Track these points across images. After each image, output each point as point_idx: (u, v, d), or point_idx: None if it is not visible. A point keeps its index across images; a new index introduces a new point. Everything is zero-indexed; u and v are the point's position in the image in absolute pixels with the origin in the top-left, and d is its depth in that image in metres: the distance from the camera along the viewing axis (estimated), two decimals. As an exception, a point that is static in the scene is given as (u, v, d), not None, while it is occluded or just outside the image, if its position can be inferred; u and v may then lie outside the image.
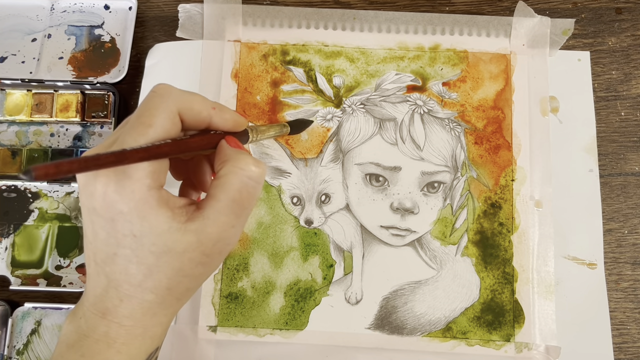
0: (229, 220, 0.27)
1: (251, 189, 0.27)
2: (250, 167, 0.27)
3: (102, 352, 0.27)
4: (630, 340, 0.42)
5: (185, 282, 0.27)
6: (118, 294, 0.27)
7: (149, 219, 0.25)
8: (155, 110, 0.27)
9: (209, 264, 0.28)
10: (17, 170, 0.45)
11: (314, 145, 0.45)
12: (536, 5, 0.48)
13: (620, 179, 0.45)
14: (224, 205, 0.27)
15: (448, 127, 0.45)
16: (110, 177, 0.25)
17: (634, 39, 0.48)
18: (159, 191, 0.26)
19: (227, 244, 0.28)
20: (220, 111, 0.29)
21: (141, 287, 0.27)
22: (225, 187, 0.27)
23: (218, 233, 0.27)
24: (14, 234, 0.45)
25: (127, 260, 0.26)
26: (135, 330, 0.27)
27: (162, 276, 0.26)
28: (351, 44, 0.47)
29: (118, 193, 0.25)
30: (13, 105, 0.47)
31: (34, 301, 0.43)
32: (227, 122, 0.29)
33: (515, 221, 0.43)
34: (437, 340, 0.41)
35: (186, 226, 0.26)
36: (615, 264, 0.44)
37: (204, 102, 0.29)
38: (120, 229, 0.26)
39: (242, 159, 0.28)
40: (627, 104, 0.47)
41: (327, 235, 0.43)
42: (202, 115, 0.28)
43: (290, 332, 0.42)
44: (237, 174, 0.27)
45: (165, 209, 0.26)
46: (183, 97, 0.28)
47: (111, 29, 0.48)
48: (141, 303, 0.27)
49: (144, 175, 0.25)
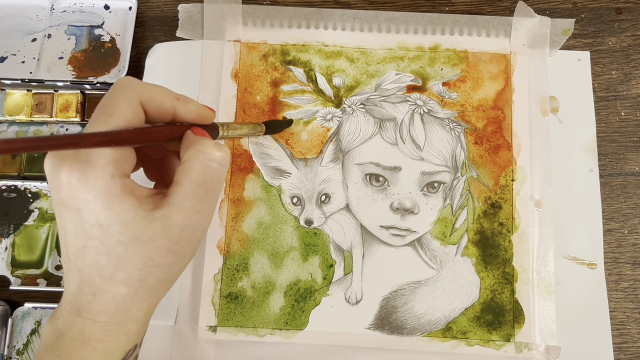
0: (193, 205, 0.27)
1: (214, 171, 0.27)
2: (212, 150, 0.27)
3: (77, 351, 0.27)
4: (630, 340, 0.42)
5: (156, 272, 0.27)
6: (91, 288, 0.27)
7: (114, 207, 0.25)
8: (116, 100, 0.27)
9: (178, 252, 0.27)
10: (17, 170, 0.45)
11: (314, 145, 0.45)
12: (536, 5, 0.48)
13: (620, 179, 0.45)
14: (188, 190, 0.27)
15: (448, 127, 0.45)
16: (73, 166, 0.25)
17: (634, 39, 0.48)
18: (123, 179, 0.26)
19: (195, 230, 0.28)
20: (184, 102, 0.29)
21: (112, 280, 0.26)
22: (188, 171, 0.27)
23: (184, 219, 0.27)
24: (14, 234, 0.45)
25: (96, 252, 0.26)
26: (109, 326, 0.27)
27: (131, 267, 0.26)
28: (351, 44, 0.47)
29: (81, 181, 0.25)
30: (13, 105, 0.47)
31: (34, 301, 0.43)
32: (191, 114, 0.29)
33: (515, 221, 0.43)
34: (437, 340, 0.41)
35: (152, 214, 0.26)
36: (615, 264, 0.44)
37: (167, 93, 0.29)
38: (87, 219, 0.26)
39: (203, 143, 0.28)
40: (627, 104, 0.47)
41: (327, 235, 0.43)
42: (166, 106, 0.28)
43: (290, 332, 0.42)
44: (198, 157, 0.27)
45: (130, 197, 0.26)
46: (145, 88, 0.28)
47: (111, 29, 0.48)
48: (114, 297, 0.27)
49: (106, 163, 0.25)
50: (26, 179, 0.46)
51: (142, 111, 0.28)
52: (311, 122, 0.45)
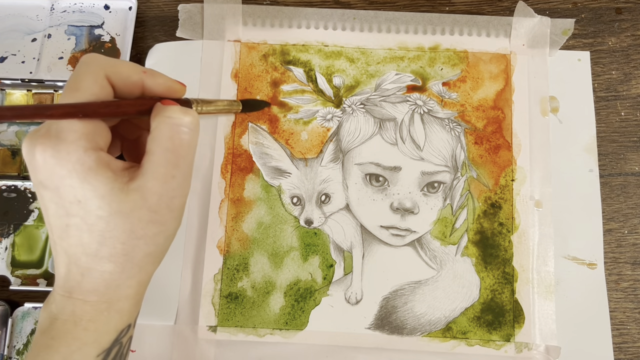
0: (167, 171, 0.27)
1: (184, 135, 0.27)
2: (179, 114, 0.28)
3: (69, 332, 0.27)
4: (630, 340, 0.42)
5: (141, 245, 0.27)
6: (78, 268, 0.27)
7: (90, 181, 0.26)
8: (82, 75, 0.27)
9: (160, 222, 0.27)
10: (17, 170, 0.45)
11: (314, 145, 0.45)
12: (536, 5, 0.48)
13: (620, 179, 0.45)
14: (159, 157, 0.27)
15: (448, 127, 0.45)
16: (46, 144, 0.25)
17: (634, 39, 0.48)
18: (96, 152, 0.26)
19: (173, 196, 0.28)
20: (152, 75, 0.29)
21: (97, 257, 0.27)
22: (157, 138, 0.27)
23: (159, 186, 0.27)
24: (14, 234, 0.45)
25: (78, 230, 0.26)
26: (100, 305, 0.27)
27: (115, 241, 0.26)
28: (351, 44, 0.47)
29: (54, 157, 0.25)
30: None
31: (34, 301, 0.43)
32: (160, 87, 0.29)
33: (515, 221, 0.43)
34: (437, 340, 0.41)
35: (128, 186, 0.26)
36: (615, 264, 0.44)
37: (134, 67, 0.29)
38: (66, 195, 0.26)
39: (169, 109, 0.28)
40: (627, 104, 0.47)
41: (327, 235, 0.43)
42: (133, 79, 0.28)
43: (290, 332, 0.42)
44: (166, 123, 0.27)
45: (105, 170, 0.26)
46: (110, 62, 0.28)
47: (111, 29, 0.48)
48: (102, 275, 0.27)
49: (77, 137, 0.26)
50: (26, 179, 0.46)
51: (108, 85, 0.28)
52: (311, 122, 0.45)
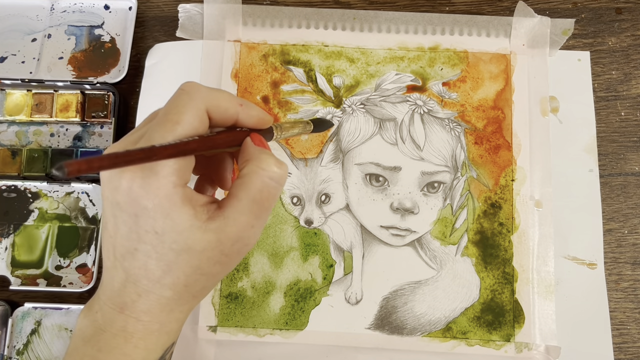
0: (248, 220, 0.27)
1: (272, 189, 0.28)
2: (273, 167, 0.27)
3: (119, 347, 0.27)
4: (630, 340, 0.42)
5: (202, 280, 0.28)
6: (136, 289, 0.27)
7: (172, 216, 0.26)
8: (183, 107, 0.27)
9: (226, 263, 0.28)
10: (17, 170, 0.45)
11: (314, 145, 0.45)
12: (536, 5, 0.48)
13: (620, 179, 0.45)
14: (245, 205, 0.27)
15: (448, 127, 0.45)
16: (136, 172, 0.25)
17: (634, 39, 0.48)
18: (183, 189, 0.26)
19: (246, 244, 0.28)
20: (247, 108, 0.29)
21: (159, 283, 0.27)
22: (247, 186, 0.27)
23: (237, 233, 0.27)
24: (14, 234, 0.45)
25: (147, 256, 0.26)
26: (152, 325, 0.27)
27: (180, 273, 0.27)
28: (351, 44, 0.47)
29: (143, 189, 0.25)
30: (13, 105, 0.47)
31: (34, 301, 0.43)
32: (252, 119, 0.29)
33: (515, 221, 0.43)
34: (437, 340, 0.41)
35: (207, 225, 0.26)
36: (615, 264, 0.44)
37: (231, 99, 0.29)
38: (143, 224, 0.26)
39: (264, 159, 0.28)
40: (627, 104, 0.47)
41: (327, 235, 0.43)
42: (229, 113, 0.29)
43: (290, 332, 0.42)
44: (258, 174, 0.27)
45: (189, 207, 0.26)
46: (211, 95, 0.28)
47: (111, 29, 0.48)
48: (159, 299, 0.27)
49: (170, 172, 0.25)
50: (26, 179, 0.46)
51: (207, 118, 0.28)
52: (311, 122, 0.45)
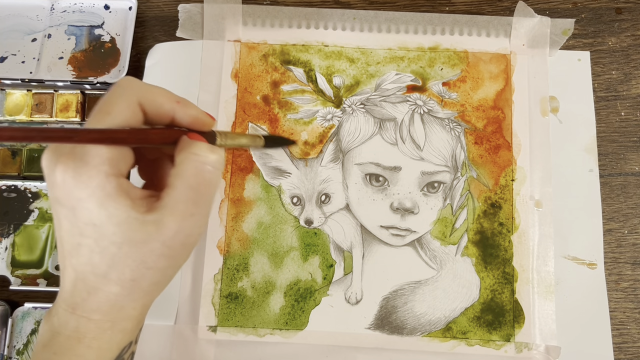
0: (187, 209, 0.27)
1: (207, 174, 0.27)
2: (206, 152, 0.27)
3: (73, 348, 0.27)
4: (630, 340, 0.42)
5: (149, 274, 0.27)
6: (85, 286, 0.27)
7: (107, 207, 0.25)
8: (115, 99, 0.27)
9: (172, 256, 0.27)
10: (17, 170, 0.45)
11: (314, 145, 0.45)
12: (536, 5, 0.48)
13: (620, 179, 0.45)
14: (181, 193, 0.26)
15: (448, 127, 0.45)
16: (68, 164, 0.25)
17: (634, 39, 0.48)
18: (117, 179, 0.26)
19: (189, 234, 0.27)
20: (184, 106, 0.29)
21: (106, 279, 0.26)
22: (181, 174, 0.27)
23: (177, 223, 0.26)
24: (14, 234, 0.45)
25: (90, 250, 0.26)
26: (103, 324, 0.27)
27: (124, 267, 0.26)
28: (351, 44, 0.47)
29: (75, 179, 0.25)
30: (13, 105, 0.47)
31: (34, 301, 0.43)
32: (189, 118, 0.29)
33: (515, 221, 0.43)
34: (437, 340, 0.41)
35: (145, 217, 0.26)
36: (615, 264, 0.44)
37: (168, 95, 0.28)
38: (81, 217, 0.26)
39: (196, 145, 0.27)
40: (627, 104, 0.47)
41: (327, 235, 0.43)
42: (165, 108, 0.28)
43: (290, 332, 0.42)
44: (191, 160, 0.27)
45: (124, 198, 0.26)
46: (145, 88, 0.28)
47: (111, 29, 0.48)
48: (107, 295, 0.27)
49: (101, 161, 0.25)
50: (26, 179, 0.46)
51: (140, 112, 0.27)
52: (311, 122, 0.45)
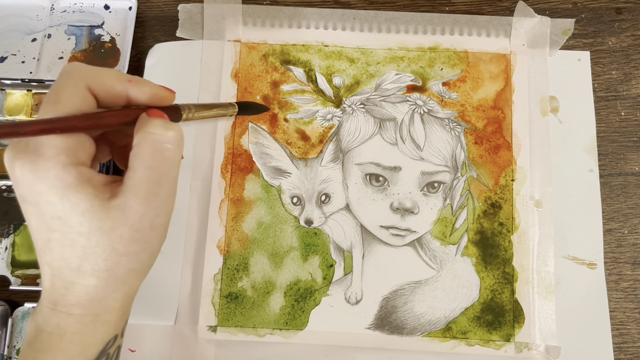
0: (149, 189, 0.26)
1: (166, 151, 0.26)
2: (161, 130, 0.26)
3: (55, 344, 0.27)
4: (630, 340, 0.42)
5: (123, 262, 0.27)
6: (62, 282, 0.26)
7: (69, 197, 0.25)
8: (62, 87, 0.26)
9: (142, 239, 0.27)
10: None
11: (314, 145, 0.45)
12: (536, 5, 0.48)
13: (620, 179, 0.45)
14: (141, 174, 0.26)
15: (448, 127, 0.45)
16: (24, 159, 0.25)
17: (634, 39, 0.48)
18: (77, 168, 0.25)
19: (155, 215, 0.27)
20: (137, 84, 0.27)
21: (80, 272, 0.26)
22: (139, 155, 0.26)
23: (141, 204, 0.26)
24: (14, 234, 0.45)
25: (60, 245, 0.26)
26: (84, 318, 0.27)
27: (97, 257, 0.26)
28: (351, 44, 0.47)
29: (33, 173, 0.25)
30: (13, 105, 0.47)
31: (34, 301, 0.43)
32: (145, 95, 0.28)
33: (515, 221, 0.43)
34: (437, 340, 0.41)
35: (109, 203, 0.26)
36: (615, 264, 0.44)
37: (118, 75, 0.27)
38: (46, 211, 0.25)
39: (151, 123, 0.26)
40: (627, 104, 0.47)
41: (327, 235, 0.43)
42: (117, 89, 0.27)
43: (290, 332, 0.42)
44: (147, 139, 0.26)
45: (86, 186, 0.25)
46: (92, 72, 0.27)
47: (111, 29, 0.48)
48: (85, 289, 0.26)
49: (56, 152, 0.25)
50: (26, 179, 0.46)
51: (90, 96, 0.26)
52: (311, 122, 0.45)
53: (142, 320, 0.41)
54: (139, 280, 0.29)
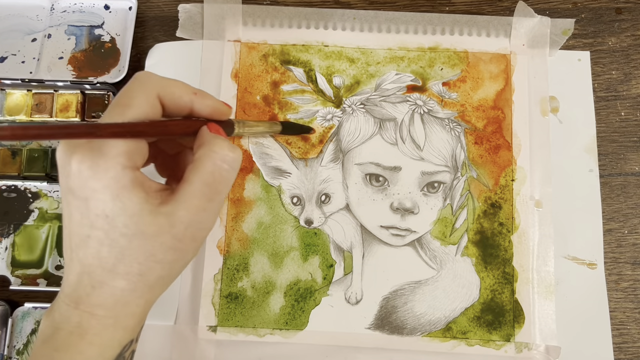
0: (200, 204, 0.27)
1: (225, 172, 0.27)
2: (225, 150, 0.27)
3: (74, 344, 0.26)
4: (630, 340, 0.42)
5: (157, 268, 0.27)
6: (90, 280, 0.27)
7: (122, 198, 0.25)
8: (134, 92, 0.27)
9: (181, 249, 0.27)
10: (17, 170, 0.45)
11: (314, 145, 0.45)
12: (536, 5, 0.48)
13: (620, 179, 0.45)
14: (196, 188, 0.27)
15: (448, 127, 0.45)
16: (85, 154, 0.25)
17: (634, 39, 0.48)
18: (133, 171, 0.26)
19: (200, 228, 0.28)
20: (201, 97, 0.29)
21: (113, 272, 0.26)
22: (199, 170, 0.27)
23: (189, 216, 0.27)
24: (14, 234, 0.45)
25: (99, 243, 0.26)
26: (106, 320, 0.27)
27: (133, 260, 0.26)
28: (351, 44, 0.47)
29: (92, 169, 0.25)
30: (13, 105, 0.47)
31: (34, 301, 0.43)
32: (207, 108, 0.29)
33: (515, 221, 0.43)
34: (437, 340, 0.41)
35: (158, 209, 0.26)
36: (615, 264, 0.44)
37: (185, 87, 0.29)
38: (94, 208, 0.26)
39: (216, 143, 0.28)
40: (627, 104, 0.47)
41: (327, 235, 0.43)
42: (183, 100, 0.28)
43: (290, 332, 0.42)
44: (210, 157, 0.27)
45: (139, 190, 0.26)
46: (163, 82, 0.28)
47: (111, 29, 0.48)
48: (113, 290, 0.27)
49: (118, 153, 0.25)
50: (26, 179, 0.46)
51: (159, 105, 0.28)
52: (311, 122, 0.45)
53: (142, 320, 0.41)
54: (163, 289, 0.29)
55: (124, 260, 0.26)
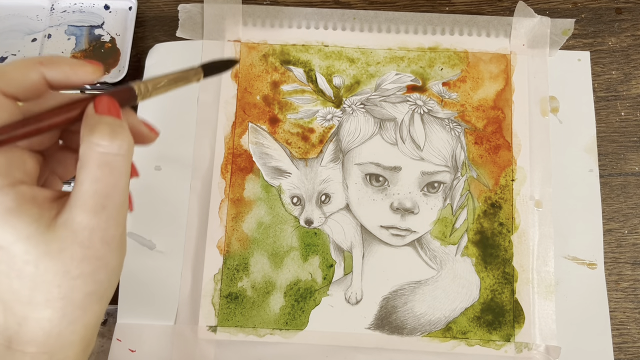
0: (97, 202, 0.23)
1: (113, 162, 0.24)
2: (106, 140, 0.23)
3: None
4: (630, 340, 0.42)
5: (79, 285, 0.24)
6: (14, 317, 0.24)
7: (10, 223, 0.22)
8: None
9: (96, 257, 0.24)
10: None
11: (314, 145, 0.45)
12: (536, 5, 0.48)
13: (620, 179, 0.45)
14: (87, 187, 0.23)
15: (448, 127, 0.45)
16: None
17: (634, 39, 0.48)
18: (14, 188, 0.22)
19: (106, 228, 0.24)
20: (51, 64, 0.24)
21: (32, 304, 0.23)
22: (84, 166, 0.23)
23: (89, 218, 0.23)
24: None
25: (7, 277, 0.23)
26: (40, 356, 0.24)
27: (49, 285, 0.23)
28: (351, 44, 0.47)
29: None
30: (13, 105, 0.46)
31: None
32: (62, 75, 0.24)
33: (515, 221, 0.43)
34: (437, 340, 0.41)
35: (55, 221, 0.23)
36: (615, 264, 0.44)
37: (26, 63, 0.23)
38: None
39: (96, 132, 0.23)
40: (627, 104, 0.47)
41: (327, 235, 0.43)
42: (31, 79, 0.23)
43: (290, 332, 0.42)
44: (92, 150, 0.23)
45: (29, 207, 0.23)
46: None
47: (111, 29, 0.48)
48: (39, 322, 0.24)
49: None
50: (26, 179, 0.45)
51: (10, 102, 0.23)
52: (311, 122, 0.45)
53: (142, 320, 0.41)
54: (100, 306, 0.25)
55: (38, 288, 0.23)
